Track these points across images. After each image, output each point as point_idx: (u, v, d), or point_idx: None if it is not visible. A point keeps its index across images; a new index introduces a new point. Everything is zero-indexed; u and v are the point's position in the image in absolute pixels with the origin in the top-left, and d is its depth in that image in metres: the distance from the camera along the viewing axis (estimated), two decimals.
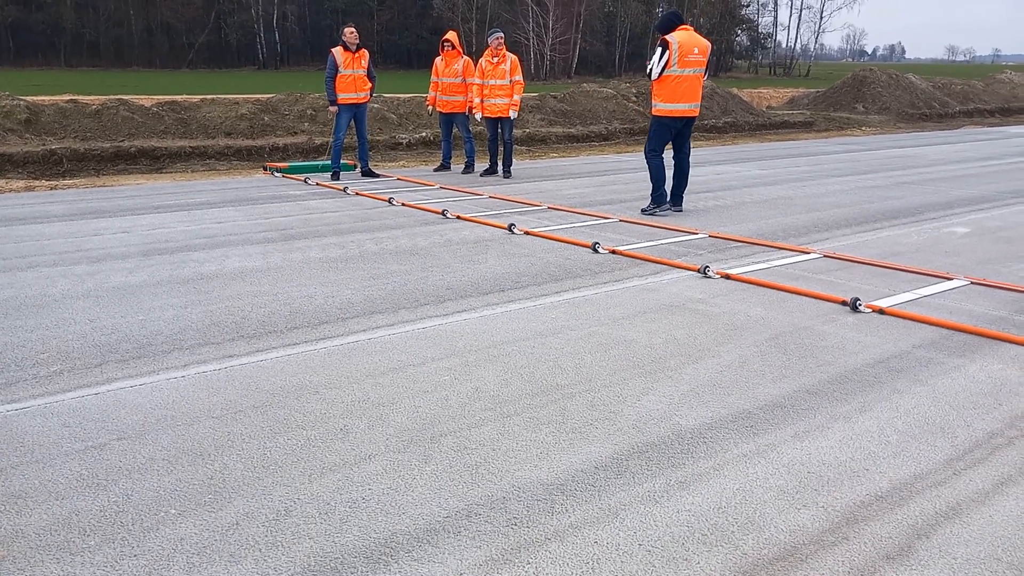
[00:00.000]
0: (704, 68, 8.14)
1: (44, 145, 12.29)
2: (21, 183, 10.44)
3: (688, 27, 8.11)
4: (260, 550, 2.36)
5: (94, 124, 13.59)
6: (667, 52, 7.86)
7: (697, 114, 8.25)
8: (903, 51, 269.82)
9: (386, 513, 2.56)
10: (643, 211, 8.30)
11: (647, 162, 8.28)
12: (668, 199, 8.28)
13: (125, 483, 2.74)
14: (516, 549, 2.38)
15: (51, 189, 10.00)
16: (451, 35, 11.34)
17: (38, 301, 4.91)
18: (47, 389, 3.54)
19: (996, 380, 3.74)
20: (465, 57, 11.22)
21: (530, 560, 2.32)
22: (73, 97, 16.81)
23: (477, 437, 3.10)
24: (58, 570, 2.26)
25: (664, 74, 7.94)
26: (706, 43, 8.13)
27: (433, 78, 11.31)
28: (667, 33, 7.99)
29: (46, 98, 16.87)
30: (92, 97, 17.52)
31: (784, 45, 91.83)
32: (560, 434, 3.13)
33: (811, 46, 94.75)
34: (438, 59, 11.22)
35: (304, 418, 3.26)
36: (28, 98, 14.49)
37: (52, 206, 8.55)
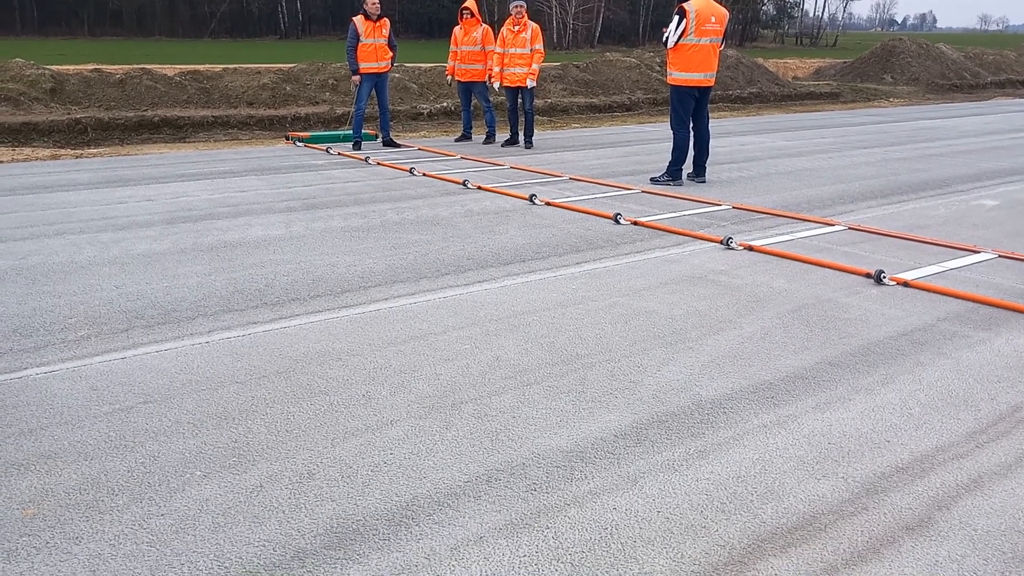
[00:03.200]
0: (721, 37, 8.02)
1: (69, 114, 12.39)
2: (47, 151, 10.55)
3: None
4: (283, 512, 2.40)
5: (118, 93, 13.67)
6: (684, 20, 7.76)
7: (712, 84, 8.15)
8: (934, 20, 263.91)
9: (408, 477, 2.60)
10: (653, 180, 8.24)
11: (673, 134, 8.20)
12: (683, 178, 8.22)
13: (152, 445, 2.79)
14: (536, 514, 2.40)
15: (76, 158, 10.09)
16: (470, 2, 11.24)
17: (65, 267, 4.98)
18: (75, 353, 3.60)
19: (1022, 354, 3.69)
20: (484, 25, 11.13)
21: (549, 525, 2.35)
22: (97, 66, 16.90)
23: (497, 405, 3.12)
24: (88, 528, 2.32)
25: (680, 42, 7.83)
26: (724, 12, 8.00)
27: (452, 47, 11.23)
28: (685, 0, 7.87)
29: (70, 67, 16.97)
30: (116, 66, 17.60)
31: (811, 14, 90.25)
32: (580, 403, 3.15)
33: (839, 15, 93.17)
34: (457, 28, 11.14)
35: (327, 384, 3.30)
36: (53, 67, 14.58)
37: (78, 174, 8.63)
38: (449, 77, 11.58)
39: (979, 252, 5.45)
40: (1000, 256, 5.38)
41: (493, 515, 2.40)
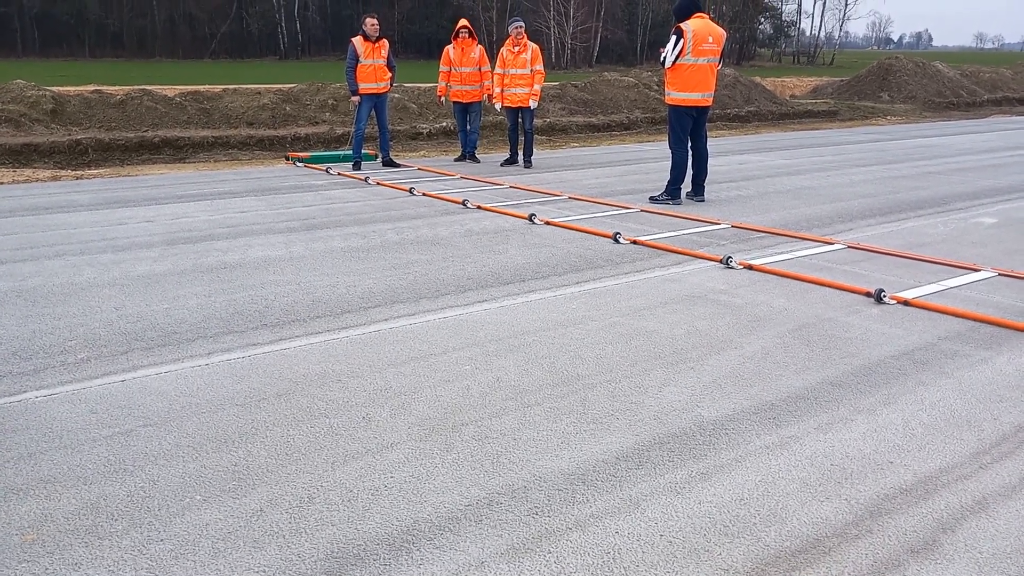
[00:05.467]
0: (719, 57, 8.08)
1: (70, 135, 12.43)
2: (48, 173, 10.57)
3: (704, 15, 8.04)
4: (283, 536, 2.39)
5: (118, 114, 13.73)
6: (681, 40, 7.81)
7: (710, 103, 8.20)
8: (930, 39, 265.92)
9: (408, 501, 2.58)
10: (652, 199, 8.26)
11: (672, 153, 8.23)
12: (682, 197, 8.24)
13: (151, 469, 2.77)
14: (537, 538, 2.38)
15: (77, 179, 10.11)
16: (466, 22, 11.29)
17: (65, 289, 4.97)
18: (75, 376, 3.59)
19: None
20: (480, 45, 11.18)
21: (551, 549, 2.33)
22: (98, 87, 16.99)
23: (498, 427, 3.11)
24: (86, 553, 2.30)
25: (678, 62, 7.89)
26: (721, 32, 8.06)
27: (444, 67, 11.18)
28: (683, 20, 7.93)
29: (71, 89, 17.05)
30: (116, 87, 17.69)
31: (808, 33, 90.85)
32: (581, 424, 3.13)
33: (836, 34, 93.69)
34: (450, 47, 11.10)
35: (327, 406, 3.29)
36: (54, 89, 14.65)
37: (78, 195, 8.65)
38: (443, 97, 11.56)
39: (979, 270, 5.46)
40: (1000, 274, 5.38)
41: (494, 539, 2.38)
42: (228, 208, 7.86)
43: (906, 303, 4.71)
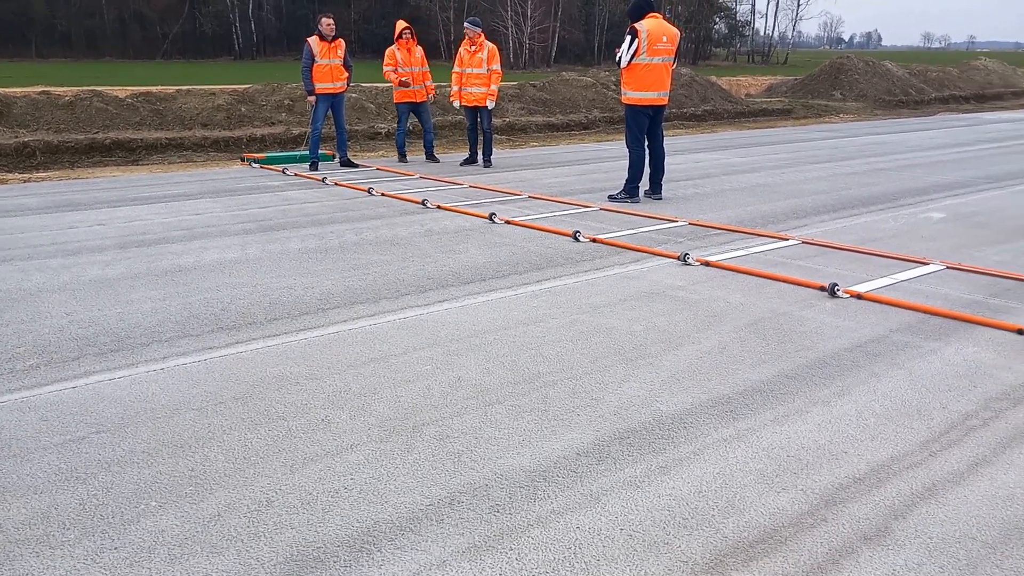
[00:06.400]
0: (673, 57, 8.16)
1: (16, 138, 12.11)
2: None
3: (658, 15, 8.12)
4: (242, 541, 2.36)
5: (67, 116, 13.40)
6: (636, 40, 7.88)
7: (666, 102, 8.28)
8: (880, 38, 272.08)
9: (368, 502, 2.56)
10: (610, 197, 8.33)
11: (629, 152, 8.30)
12: (640, 196, 8.32)
13: (105, 476, 2.72)
14: (499, 536, 2.39)
15: (24, 182, 9.86)
16: (407, 23, 11.20)
17: (13, 295, 4.84)
18: (24, 383, 3.50)
19: (971, 363, 3.79)
20: (419, 46, 11.13)
21: (512, 546, 2.34)
22: (45, 89, 16.57)
23: (459, 426, 3.11)
24: (38, 564, 2.24)
25: (633, 62, 7.96)
26: (675, 31, 8.15)
27: (391, 67, 10.90)
28: (637, 21, 8.01)
29: (18, 90, 16.58)
30: (65, 89, 17.27)
31: (762, 33, 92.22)
32: (542, 421, 3.14)
33: (789, 34, 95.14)
34: (394, 48, 10.89)
35: (285, 409, 3.25)
36: None
37: (26, 199, 8.43)
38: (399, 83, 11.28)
39: (928, 264, 5.60)
40: (948, 267, 5.52)
41: (456, 538, 2.38)
42: (182, 210, 7.73)
43: (859, 297, 4.81)
